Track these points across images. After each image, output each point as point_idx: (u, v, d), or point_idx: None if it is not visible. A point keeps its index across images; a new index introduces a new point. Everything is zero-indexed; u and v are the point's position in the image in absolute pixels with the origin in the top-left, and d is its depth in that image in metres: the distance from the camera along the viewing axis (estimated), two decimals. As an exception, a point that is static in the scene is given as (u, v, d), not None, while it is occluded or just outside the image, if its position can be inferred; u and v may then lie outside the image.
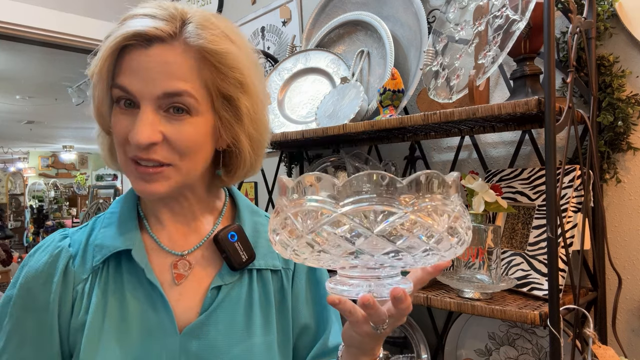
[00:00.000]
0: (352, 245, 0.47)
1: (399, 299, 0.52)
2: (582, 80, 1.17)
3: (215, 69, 0.66)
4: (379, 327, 0.56)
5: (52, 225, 9.40)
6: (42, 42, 2.50)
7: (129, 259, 0.70)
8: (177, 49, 0.64)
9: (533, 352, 1.26)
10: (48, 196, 10.57)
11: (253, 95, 0.69)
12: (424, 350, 1.45)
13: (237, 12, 2.27)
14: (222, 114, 0.68)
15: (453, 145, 1.50)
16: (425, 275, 0.59)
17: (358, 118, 1.37)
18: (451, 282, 1.14)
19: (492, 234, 1.11)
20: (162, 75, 0.63)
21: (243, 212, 0.79)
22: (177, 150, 0.65)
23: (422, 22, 1.40)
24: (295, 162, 1.91)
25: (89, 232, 0.74)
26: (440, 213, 0.48)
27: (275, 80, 1.71)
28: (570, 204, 1.09)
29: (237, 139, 0.70)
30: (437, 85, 1.24)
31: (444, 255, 0.50)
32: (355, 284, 0.53)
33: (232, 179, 0.76)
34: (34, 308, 0.68)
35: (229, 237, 0.72)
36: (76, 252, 0.71)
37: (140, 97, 0.64)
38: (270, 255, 0.77)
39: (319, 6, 1.69)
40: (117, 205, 0.76)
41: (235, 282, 0.73)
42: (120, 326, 0.67)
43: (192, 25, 0.65)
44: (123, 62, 0.64)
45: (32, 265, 0.70)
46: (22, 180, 10.74)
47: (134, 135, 0.63)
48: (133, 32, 0.63)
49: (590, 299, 1.15)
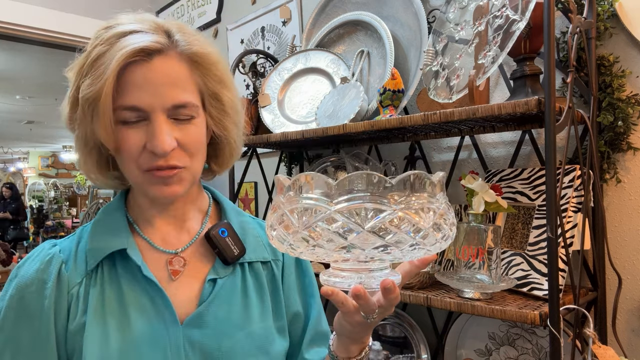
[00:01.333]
0: (345, 240, 0.51)
1: (389, 289, 0.56)
2: (582, 80, 1.17)
3: (203, 72, 0.71)
4: (369, 317, 0.60)
5: (52, 225, 9.40)
6: (42, 42, 2.50)
7: (123, 260, 0.72)
8: (173, 59, 0.68)
9: (533, 352, 1.26)
10: (48, 196, 10.57)
11: (231, 87, 0.75)
12: (424, 350, 1.45)
13: (237, 12, 2.27)
14: (211, 110, 0.73)
15: (453, 145, 1.50)
16: (413, 268, 0.62)
17: (358, 118, 1.37)
18: (451, 282, 1.14)
19: (492, 234, 1.11)
20: (168, 87, 0.66)
21: (229, 212, 0.83)
22: (189, 152, 0.69)
23: (422, 22, 1.40)
24: (295, 162, 1.91)
25: (77, 240, 0.75)
26: (426, 210, 0.52)
27: (275, 80, 1.71)
28: (570, 204, 1.09)
29: (226, 129, 0.75)
30: (437, 85, 1.24)
31: (429, 249, 0.54)
32: (347, 276, 0.56)
33: (221, 167, 0.81)
34: (27, 316, 0.68)
35: (220, 233, 0.76)
36: (67, 258, 0.72)
37: (151, 110, 0.66)
38: (259, 249, 0.81)
39: (319, 6, 1.69)
40: (103, 214, 0.77)
41: (229, 275, 0.76)
42: (122, 322, 0.68)
43: (177, 35, 0.69)
44: (124, 79, 0.65)
45: (23, 275, 0.70)
46: (22, 180, 10.75)
47: (157, 145, 0.65)
48: (138, 48, 0.64)
49: (590, 299, 1.15)
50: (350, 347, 0.69)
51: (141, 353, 0.67)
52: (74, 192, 10.91)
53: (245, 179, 1.86)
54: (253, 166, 1.86)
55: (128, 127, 0.67)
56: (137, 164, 0.68)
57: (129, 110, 0.66)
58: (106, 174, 0.76)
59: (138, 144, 0.67)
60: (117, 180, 0.78)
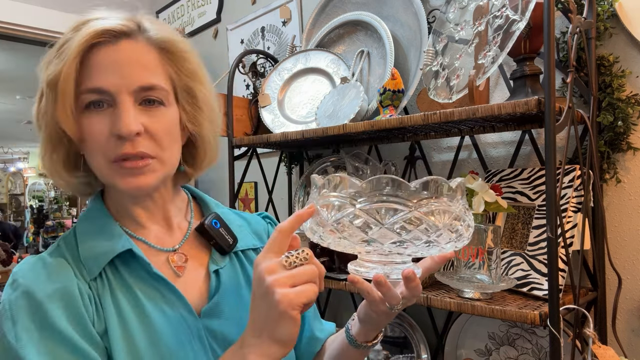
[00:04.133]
0: (366, 234, 0.57)
1: (409, 277, 0.60)
2: (582, 80, 1.17)
3: (175, 62, 0.70)
4: (393, 307, 0.65)
5: (52, 225, 9.40)
6: (42, 42, 2.50)
7: (126, 262, 0.69)
8: (141, 43, 0.67)
9: (533, 352, 1.26)
10: (48, 196, 10.56)
11: (205, 82, 0.74)
12: (424, 350, 1.45)
13: (237, 12, 2.27)
14: (185, 105, 0.72)
15: (453, 145, 1.50)
16: (433, 264, 0.67)
17: (358, 118, 1.37)
18: (451, 282, 1.14)
19: (492, 234, 1.11)
20: (135, 69, 0.65)
21: (211, 205, 0.83)
22: (158, 141, 0.67)
23: (422, 22, 1.40)
24: (295, 162, 1.91)
25: (65, 251, 0.69)
26: (442, 212, 0.57)
27: (275, 80, 1.71)
28: (570, 204, 1.09)
29: (200, 126, 0.74)
30: (437, 85, 1.24)
31: (444, 247, 0.59)
32: (371, 267, 0.62)
33: (197, 170, 0.79)
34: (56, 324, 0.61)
35: (213, 224, 0.77)
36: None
37: (116, 92, 0.64)
38: (247, 237, 0.82)
39: (319, 6, 1.69)
40: (87, 222, 0.72)
41: (228, 264, 0.78)
42: (143, 322, 0.66)
43: (147, 23, 0.69)
44: (90, 62, 0.64)
45: (40, 288, 0.62)
46: (22, 180, 10.74)
47: (121, 127, 0.63)
48: (102, 28, 0.64)
49: (590, 299, 1.15)
50: (370, 332, 0.74)
51: (170, 349, 0.66)
52: (74, 192, 10.89)
53: (245, 179, 1.86)
54: (253, 166, 1.86)
55: (93, 114, 0.65)
56: (103, 153, 0.65)
57: (93, 92, 0.64)
58: (73, 174, 0.71)
59: (103, 131, 0.64)
60: (85, 185, 0.74)
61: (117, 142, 0.64)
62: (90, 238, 0.70)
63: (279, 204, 2.01)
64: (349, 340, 0.75)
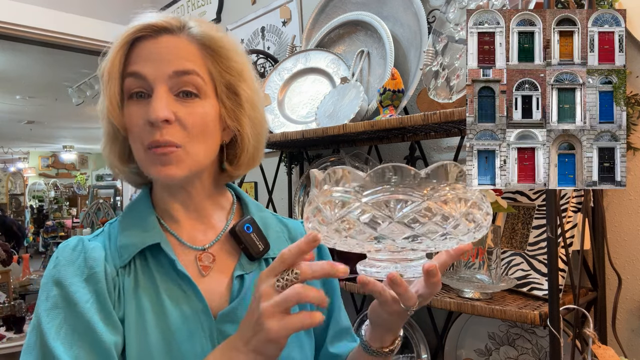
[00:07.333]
0: (375, 231, 0.52)
1: (432, 272, 0.57)
2: (582, 80, 1.17)
3: (216, 58, 0.71)
4: (409, 308, 0.62)
5: (52, 225, 9.41)
6: (42, 42, 2.50)
7: (155, 255, 0.72)
8: (182, 38, 0.70)
9: (533, 352, 1.26)
10: (48, 196, 10.57)
11: (250, 83, 0.75)
12: (424, 350, 1.45)
13: (237, 12, 2.27)
14: (225, 101, 0.73)
15: (453, 145, 1.50)
16: (448, 259, 0.63)
17: (358, 118, 1.37)
18: (451, 282, 1.14)
19: (492, 234, 1.11)
20: (171, 57, 0.68)
21: (251, 208, 0.83)
22: (188, 130, 0.68)
23: (422, 22, 1.40)
24: (295, 162, 1.91)
25: (108, 237, 0.74)
26: (457, 200, 0.52)
27: (275, 80, 1.71)
28: (570, 204, 1.09)
29: (240, 123, 0.74)
30: (437, 85, 1.24)
31: (462, 239, 0.54)
32: (383, 266, 0.57)
33: (237, 169, 0.79)
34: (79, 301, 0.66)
35: (245, 229, 0.76)
36: (105, 253, 0.72)
37: (152, 80, 0.67)
38: (281, 245, 0.80)
39: (319, 6, 1.69)
40: (130, 211, 0.77)
41: (255, 270, 0.76)
42: (159, 314, 0.68)
43: (192, 22, 0.72)
44: (133, 54, 0.69)
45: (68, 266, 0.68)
46: (22, 180, 10.75)
47: (151, 113, 0.66)
48: (144, 24, 0.69)
49: (590, 299, 1.15)
50: (385, 336, 0.71)
51: (179, 346, 0.67)
52: (74, 192, 10.91)
53: (245, 179, 1.86)
54: (253, 166, 1.86)
55: (134, 104, 0.69)
56: (141, 141, 0.68)
57: (132, 76, 0.68)
58: (126, 165, 0.76)
59: (142, 118, 0.68)
60: (136, 175, 0.78)
61: (150, 129, 0.67)
62: (129, 227, 0.74)
63: (279, 204, 2.01)
64: (363, 347, 0.72)
